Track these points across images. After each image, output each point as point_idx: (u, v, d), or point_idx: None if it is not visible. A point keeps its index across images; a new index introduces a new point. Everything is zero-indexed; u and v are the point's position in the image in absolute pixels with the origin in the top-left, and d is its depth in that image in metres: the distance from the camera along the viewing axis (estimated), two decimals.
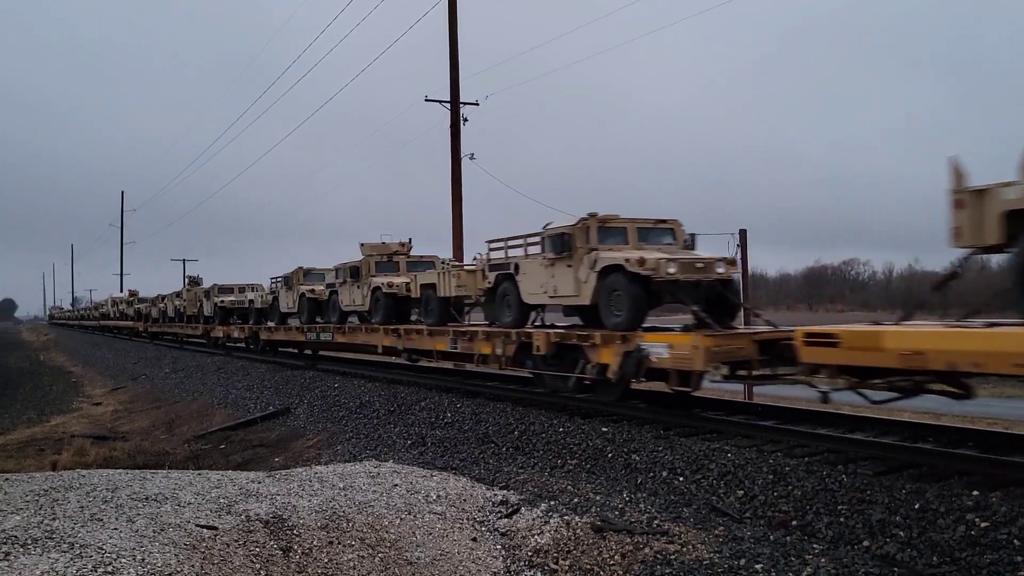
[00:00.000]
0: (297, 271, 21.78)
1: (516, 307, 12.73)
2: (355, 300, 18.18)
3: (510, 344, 12.55)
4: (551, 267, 11.54)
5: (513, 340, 12.44)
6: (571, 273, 11.13)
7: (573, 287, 11.13)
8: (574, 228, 11.06)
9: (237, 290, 29.41)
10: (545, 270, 11.70)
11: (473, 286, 14.06)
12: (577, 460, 9.66)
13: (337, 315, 19.26)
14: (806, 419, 9.96)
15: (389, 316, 16.80)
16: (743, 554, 6.06)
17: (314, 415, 15.56)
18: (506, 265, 12.86)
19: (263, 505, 6.65)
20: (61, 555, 5.04)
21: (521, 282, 12.46)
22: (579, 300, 11.12)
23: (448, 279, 14.56)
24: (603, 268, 10.50)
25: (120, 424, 20.21)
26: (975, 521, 6.09)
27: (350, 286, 18.39)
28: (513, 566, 6.43)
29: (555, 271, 11.49)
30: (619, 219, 11.22)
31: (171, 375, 27.41)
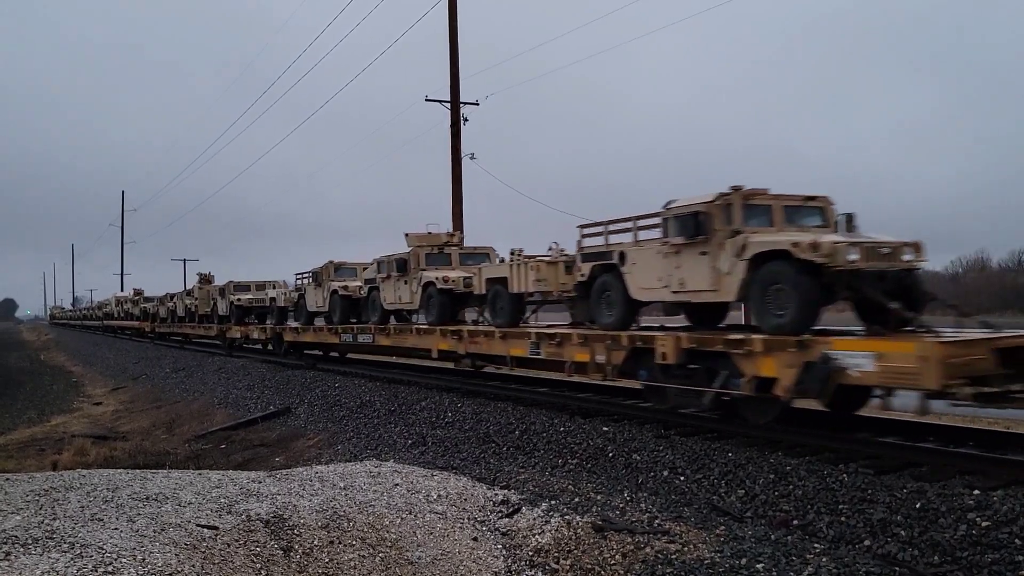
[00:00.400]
0: (327, 265, 20.03)
1: (621, 305, 10.54)
2: (401, 297, 16.17)
3: (618, 350, 10.41)
4: (675, 255, 9.46)
5: (623, 345, 10.29)
6: (706, 262, 9.03)
7: (708, 279, 9.02)
8: (711, 206, 8.96)
9: (255, 287, 27.50)
10: (665, 259, 9.64)
11: (555, 280, 12.20)
12: (578, 459, 9.66)
13: (378, 314, 17.20)
14: (806, 419, 9.94)
15: (444, 315, 14.85)
16: (744, 553, 6.06)
17: (315, 415, 15.56)
18: (606, 254, 10.73)
19: (264, 505, 6.65)
20: (61, 555, 5.03)
21: (629, 274, 10.31)
22: (718, 296, 9.05)
23: (524, 272, 12.49)
24: (757, 255, 8.46)
25: (121, 424, 20.21)
26: (976, 520, 6.08)
27: (395, 281, 16.32)
28: (514, 566, 6.42)
29: (681, 260, 9.38)
30: (766, 195, 9.17)
31: (172, 375, 27.41)
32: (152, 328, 41.74)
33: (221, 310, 29.04)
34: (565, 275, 12.07)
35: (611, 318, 10.75)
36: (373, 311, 17.49)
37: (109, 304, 58.77)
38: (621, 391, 12.97)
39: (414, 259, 15.82)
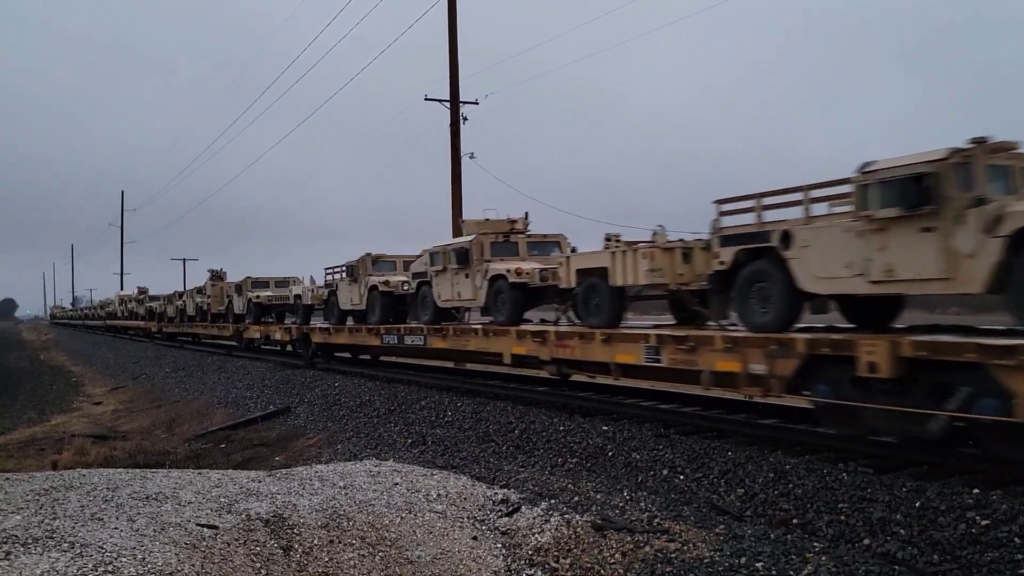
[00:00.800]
0: (364, 259, 17.96)
1: (782, 299, 8.41)
2: (460, 293, 14.19)
3: (787, 358, 8.10)
4: (879, 233, 7.30)
5: (797, 352, 7.98)
6: (932, 241, 6.93)
7: (934, 264, 6.95)
8: (943, 165, 6.86)
9: (274, 284, 25.75)
10: (858, 240, 7.51)
11: (672, 270, 10.23)
12: (578, 459, 9.66)
13: (430, 312, 15.18)
14: (806, 417, 9.94)
15: (517, 313, 13.09)
16: (744, 552, 6.06)
17: (314, 414, 15.56)
18: (761, 235, 8.65)
19: (264, 504, 6.65)
20: (62, 554, 5.04)
21: (796, 260, 8.17)
22: (954, 286, 6.91)
23: (631, 262, 10.41)
24: (1020, 230, 6.41)
25: (120, 423, 20.21)
26: (976, 519, 6.08)
27: (452, 275, 14.25)
28: (514, 565, 6.42)
29: (888, 239, 7.23)
30: (1013, 153, 7.16)
31: (171, 374, 27.41)
32: (159, 328, 39.98)
33: (237, 308, 27.15)
34: (683, 264, 10.27)
35: (767, 316, 8.65)
36: (423, 309, 15.42)
37: (112, 303, 57.11)
38: (621, 390, 12.97)
39: (477, 249, 13.70)
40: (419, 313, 15.75)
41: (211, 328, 30.94)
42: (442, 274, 14.57)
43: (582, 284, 11.34)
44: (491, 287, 13.25)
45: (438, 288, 14.80)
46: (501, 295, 13.09)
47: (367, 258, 17.97)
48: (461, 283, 14.06)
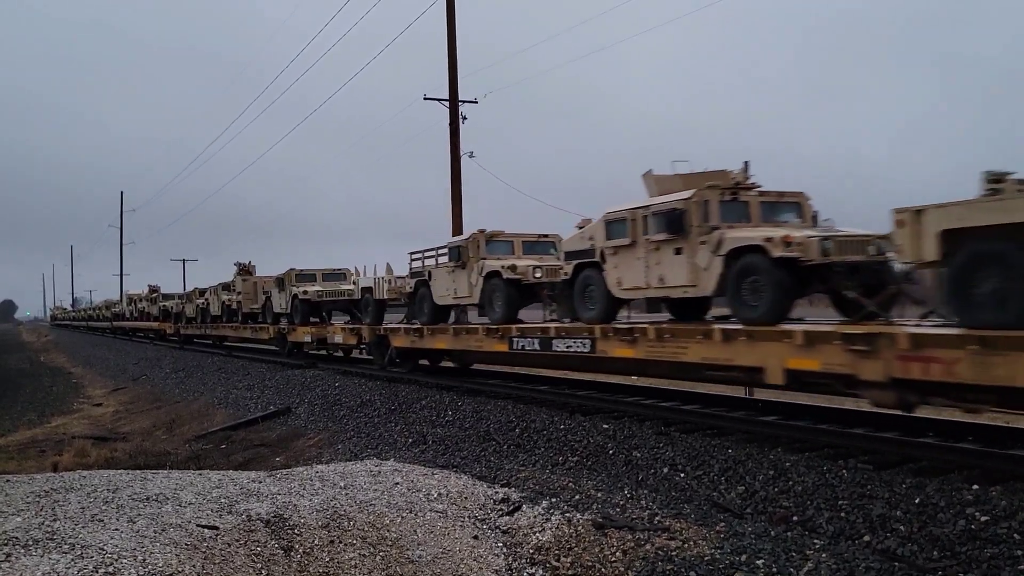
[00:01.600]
0: (475, 237, 13.88)
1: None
2: (666, 276, 9.75)
3: None
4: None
5: None
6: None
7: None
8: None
9: (322, 277, 22.23)
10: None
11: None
12: (578, 457, 9.67)
13: (600, 306, 10.87)
14: (806, 415, 9.95)
15: (781, 306, 8.58)
16: (744, 550, 6.07)
17: (315, 414, 15.56)
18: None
19: (264, 504, 6.65)
20: (62, 556, 5.04)
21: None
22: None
23: None
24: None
25: (121, 425, 20.21)
26: (975, 515, 6.09)
27: (649, 251, 9.96)
28: (515, 564, 6.43)
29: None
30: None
31: (171, 375, 27.41)
32: (176, 330, 36.65)
33: (278, 306, 23.34)
34: None
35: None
36: (588, 301, 11.12)
37: (119, 303, 54.12)
38: (621, 388, 12.98)
39: (699, 211, 9.37)
40: (577, 307, 11.46)
41: (243, 329, 26.91)
42: (627, 251, 10.30)
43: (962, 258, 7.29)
44: (728, 267, 8.94)
45: (620, 272, 10.45)
46: (751, 278, 8.72)
47: (480, 236, 13.94)
48: (669, 261, 9.71)
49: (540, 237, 14.30)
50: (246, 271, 28.04)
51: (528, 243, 14.21)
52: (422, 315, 15.56)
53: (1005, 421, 9.43)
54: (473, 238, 13.91)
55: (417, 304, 15.72)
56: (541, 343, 11.82)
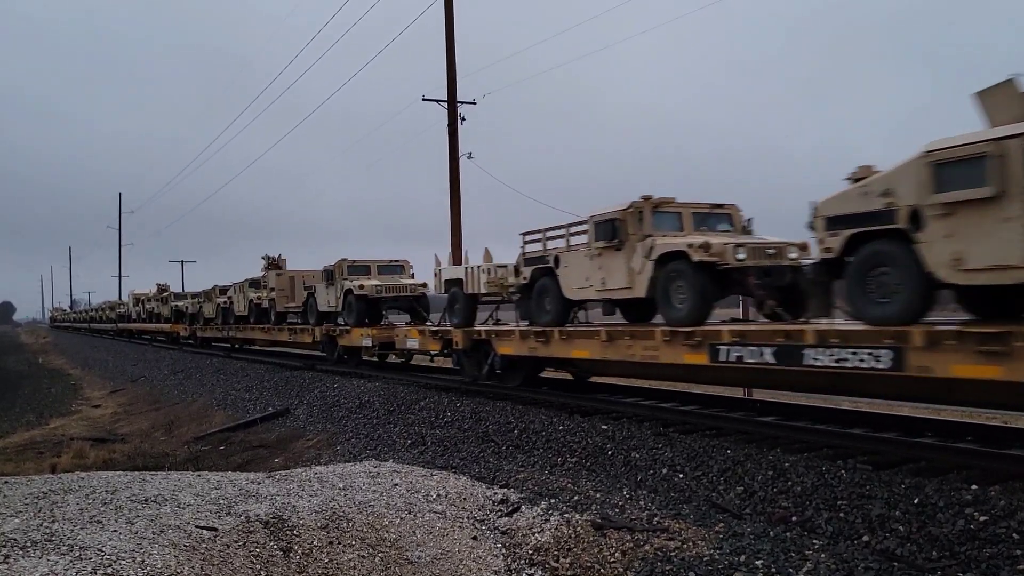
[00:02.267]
0: (640, 206, 10.24)
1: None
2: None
3: None
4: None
5: None
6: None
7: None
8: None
9: (378, 269, 19.16)
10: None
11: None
12: (577, 458, 9.67)
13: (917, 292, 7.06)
14: (805, 415, 9.96)
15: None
16: (743, 550, 6.07)
17: (313, 415, 15.55)
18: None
19: (263, 506, 6.65)
20: (60, 557, 5.04)
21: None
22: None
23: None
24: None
25: (119, 426, 20.19)
26: (974, 515, 6.09)
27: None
28: (514, 564, 6.43)
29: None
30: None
31: (170, 376, 27.39)
32: (192, 332, 33.63)
33: (324, 304, 19.87)
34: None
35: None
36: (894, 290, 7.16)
37: (125, 304, 50.53)
38: (621, 389, 12.98)
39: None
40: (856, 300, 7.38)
41: (277, 332, 23.13)
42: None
43: None
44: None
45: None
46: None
47: (645, 205, 10.26)
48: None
49: (714, 208, 10.85)
50: (275, 265, 24.68)
51: (700, 215, 10.71)
52: (543, 314, 12.17)
53: (1003, 421, 9.44)
54: (634, 208, 10.29)
55: (535, 299, 12.31)
56: (779, 353, 8.09)
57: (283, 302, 23.23)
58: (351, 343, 18.49)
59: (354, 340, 18.22)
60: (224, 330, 28.87)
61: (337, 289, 19.06)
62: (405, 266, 19.56)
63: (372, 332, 17.40)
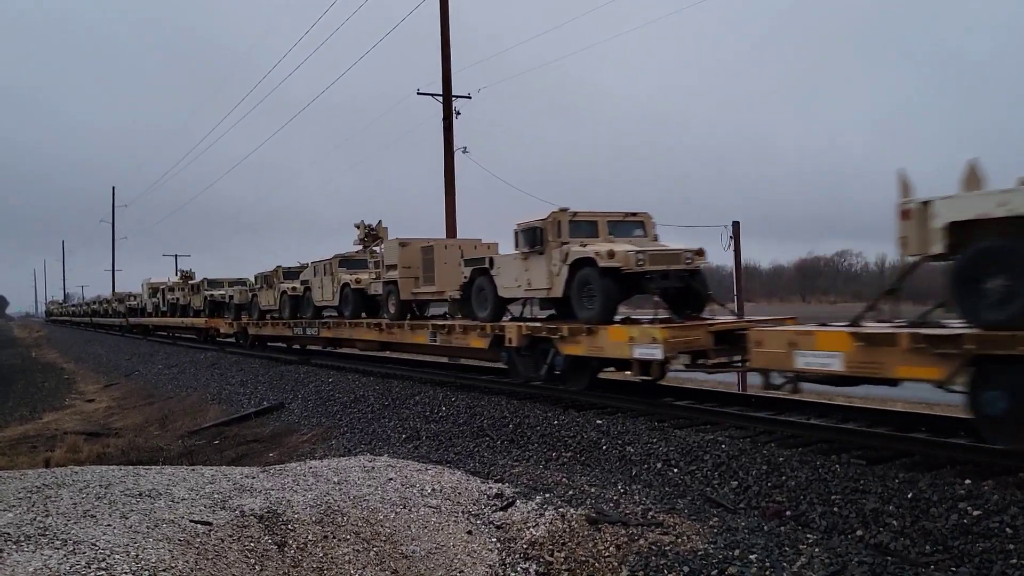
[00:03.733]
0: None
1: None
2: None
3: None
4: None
5: None
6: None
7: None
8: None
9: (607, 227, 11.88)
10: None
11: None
12: (572, 452, 9.67)
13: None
14: (799, 409, 9.99)
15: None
16: (737, 544, 6.08)
17: (308, 410, 15.53)
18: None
19: (257, 500, 6.64)
20: (54, 552, 5.02)
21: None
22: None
23: None
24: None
25: (113, 420, 20.14)
26: (968, 510, 6.12)
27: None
28: (508, 559, 6.43)
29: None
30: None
31: (164, 371, 27.32)
32: (242, 328, 26.41)
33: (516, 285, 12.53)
34: None
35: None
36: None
37: (138, 296, 43.47)
38: (614, 386, 12.99)
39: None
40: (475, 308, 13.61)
41: (406, 332, 15.81)
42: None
43: None
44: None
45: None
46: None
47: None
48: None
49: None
50: (373, 236, 19.29)
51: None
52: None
53: None
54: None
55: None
56: None
57: (414, 287, 15.70)
58: (601, 352, 10.74)
59: (607, 346, 10.58)
60: (296, 327, 21.26)
61: (551, 260, 11.60)
62: (646, 222, 12.23)
63: (659, 333, 9.80)
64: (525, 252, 11.81)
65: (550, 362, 11.79)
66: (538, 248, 11.70)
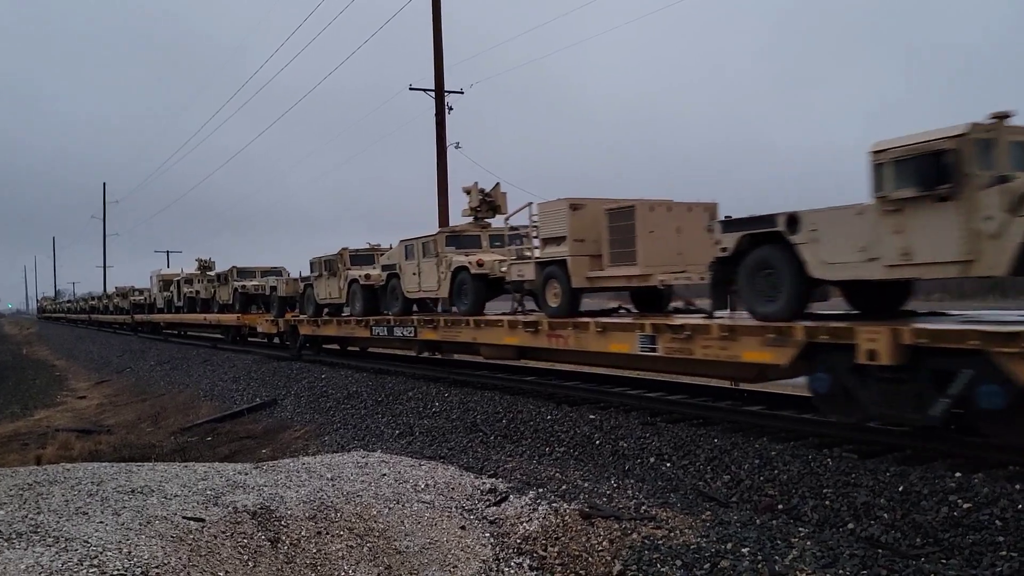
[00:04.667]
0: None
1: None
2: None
3: None
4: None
5: None
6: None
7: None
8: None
9: None
10: None
11: None
12: (565, 447, 9.69)
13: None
14: (791, 404, 10.02)
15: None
16: (730, 538, 6.11)
17: (301, 406, 15.51)
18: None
19: (250, 496, 6.63)
20: (46, 549, 5.00)
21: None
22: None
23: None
24: None
25: (105, 417, 20.07)
26: (958, 502, 6.16)
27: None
28: (502, 553, 6.44)
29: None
30: None
31: (156, 367, 27.23)
32: (291, 328, 20.47)
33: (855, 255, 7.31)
34: None
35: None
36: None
37: (146, 291, 38.66)
38: (608, 379, 13.01)
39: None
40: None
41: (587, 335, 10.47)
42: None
43: None
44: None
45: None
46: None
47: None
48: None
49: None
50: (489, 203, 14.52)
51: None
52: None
53: None
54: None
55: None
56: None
57: (589, 270, 10.92)
58: None
59: None
60: (378, 326, 16.08)
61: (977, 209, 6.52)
62: None
63: None
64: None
65: None
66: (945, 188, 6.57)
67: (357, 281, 17.16)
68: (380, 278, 16.52)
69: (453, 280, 13.82)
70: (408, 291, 15.31)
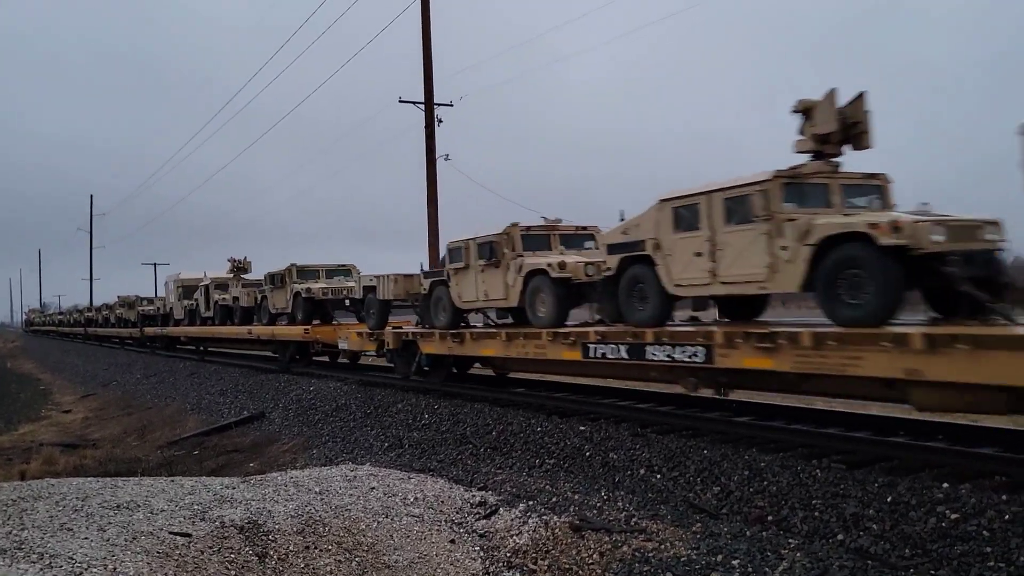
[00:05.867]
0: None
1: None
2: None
3: None
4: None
5: None
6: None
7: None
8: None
9: None
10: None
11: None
12: (555, 459, 9.67)
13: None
14: (780, 415, 10.05)
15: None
16: (720, 550, 6.11)
17: (289, 419, 15.42)
18: None
19: (238, 511, 6.57)
20: (30, 565, 4.94)
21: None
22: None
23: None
24: None
25: (90, 432, 19.86)
26: (946, 513, 6.18)
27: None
28: (492, 567, 6.41)
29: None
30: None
31: (142, 380, 27.01)
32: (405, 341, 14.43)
33: None
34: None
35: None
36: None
37: (158, 300, 33.50)
38: (598, 390, 13.01)
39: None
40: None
41: None
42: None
43: None
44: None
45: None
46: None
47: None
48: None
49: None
50: None
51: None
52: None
53: (972, 420, 9.59)
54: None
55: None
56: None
57: None
58: None
59: None
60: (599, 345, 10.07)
61: None
62: None
63: None
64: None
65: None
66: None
67: (545, 273, 11.13)
68: (583, 271, 10.93)
69: None
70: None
